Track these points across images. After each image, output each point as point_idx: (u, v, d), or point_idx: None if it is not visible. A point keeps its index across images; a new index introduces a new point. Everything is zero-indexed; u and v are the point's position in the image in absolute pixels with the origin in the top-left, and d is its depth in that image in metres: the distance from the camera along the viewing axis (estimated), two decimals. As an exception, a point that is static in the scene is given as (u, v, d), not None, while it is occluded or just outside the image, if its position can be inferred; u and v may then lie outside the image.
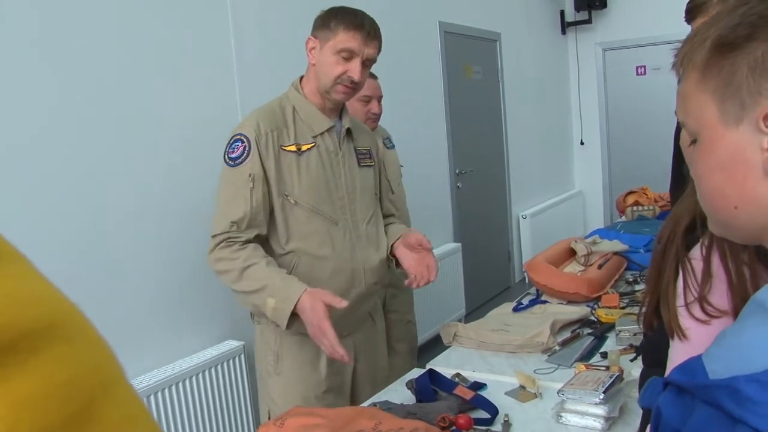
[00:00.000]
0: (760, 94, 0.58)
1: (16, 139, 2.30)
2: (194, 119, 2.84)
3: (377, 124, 3.10)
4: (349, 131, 2.05)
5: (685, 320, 1.14)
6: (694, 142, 0.66)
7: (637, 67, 6.93)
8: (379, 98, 3.07)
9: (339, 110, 2.04)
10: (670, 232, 1.19)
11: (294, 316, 1.79)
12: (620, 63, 7.03)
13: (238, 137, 1.90)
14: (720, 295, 1.10)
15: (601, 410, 1.57)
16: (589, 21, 6.98)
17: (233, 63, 3.07)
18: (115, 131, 2.60)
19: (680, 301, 1.15)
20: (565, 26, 7.11)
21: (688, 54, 0.65)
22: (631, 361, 1.86)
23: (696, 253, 1.13)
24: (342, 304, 1.78)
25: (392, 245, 2.11)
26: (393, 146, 3.26)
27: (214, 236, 1.88)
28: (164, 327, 2.76)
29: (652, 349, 1.40)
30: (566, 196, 7.01)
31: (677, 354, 1.19)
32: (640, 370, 1.59)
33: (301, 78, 2.03)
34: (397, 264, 2.13)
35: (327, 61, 1.91)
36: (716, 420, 0.51)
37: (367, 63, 1.94)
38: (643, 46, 6.74)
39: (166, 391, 2.59)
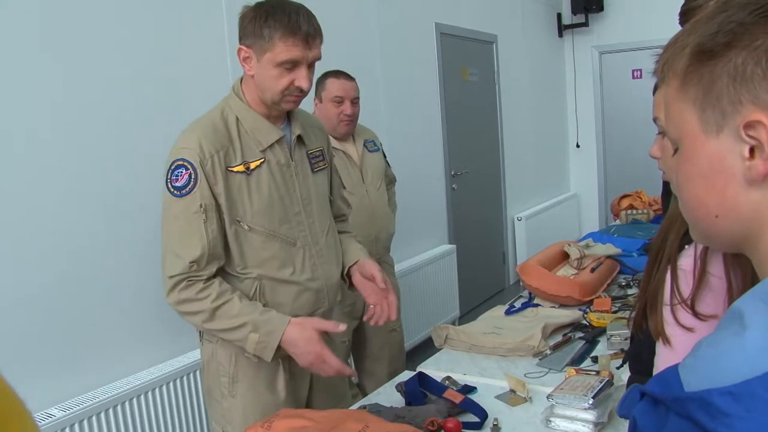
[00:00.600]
0: (740, 103, 0.57)
1: None
2: (180, 121, 2.83)
3: (352, 126, 3.01)
4: (299, 138, 1.87)
5: (669, 327, 1.14)
6: (676, 150, 0.65)
7: (633, 71, 6.93)
8: (353, 99, 2.96)
9: (285, 115, 1.85)
10: (664, 236, 1.19)
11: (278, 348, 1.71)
12: (616, 66, 7.04)
13: (180, 162, 1.68)
14: (709, 301, 1.10)
15: (590, 415, 1.57)
16: (585, 24, 6.99)
17: (227, 63, 3.06)
18: (102, 134, 2.59)
19: (667, 306, 1.15)
20: (561, 29, 7.12)
21: (669, 61, 0.64)
22: (618, 368, 1.86)
23: (684, 260, 1.13)
24: (341, 328, 1.73)
25: (349, 267, 1.99)
26: (377, 149, 3.16)
27: (171, 277, 1.69)
28: (140, 334, 2.73)
29: (639, 356, 1.40)
30: (561, 198, 7.01)
31: (662, 362, 1.19)
32: (628, 375, 1.59)
33: (240, 79, 1.82)
34: (350, 285, 2.02)
35: (268, 74, 1.70)
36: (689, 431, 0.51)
37: (312, 64, 1.74)
38: (640, 50, 6.73)
39: (141, 397, 2.57)
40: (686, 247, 1.15)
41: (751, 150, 0.57)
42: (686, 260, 1.13)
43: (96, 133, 2.56)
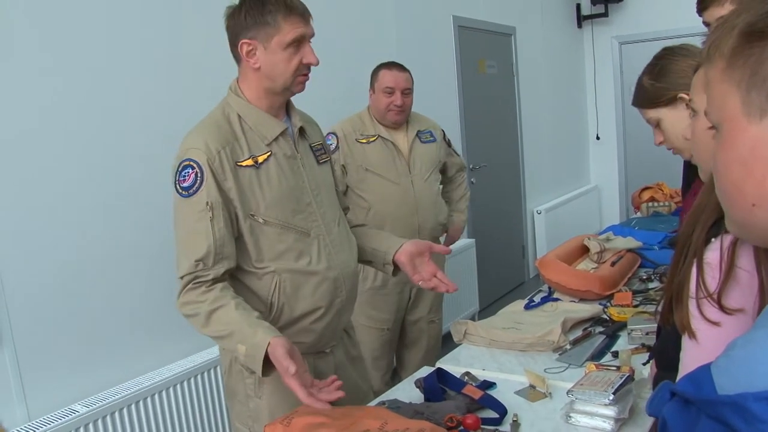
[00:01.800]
0: None
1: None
2: (185, 121, 2.83)
3: (402, 116, 3.10)
4: (302, 129, 1.88)
5: (695, 321, 1.13)
6: (714, 129, 0.63)
7: (654, 61, 6.85)
8: (404, 90, 3.06)
9: (285, 108, 1.86)
10: (690, 228, 1.17)
11: (269, 362, 1.61)
12: (637, 57, 6.92)
13: (187, 163, 1.68)
14: (736, 295, 1.08)
15: (610, 411, 1.55)
16: (605, 14, 6.92)
17: (230, 62, 3.06)
18: (102, 133, 2.60)
19: (692, 300, 1.13)
20: (581, 20, 7.05)
21: (716, 42, 0.62)
22: (644, 364, 1.84)
23: (710, 253, 1.11)
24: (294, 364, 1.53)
25: (394, 254, 1.94)
26: (433, 140, 3.25)
27: (181, 278, 1.69)
28: (163, 331, 2.75)
29: (665, 351, 1.38)
30: (582, 191, 6.96)
31: (688, 357, 1.17)
32: (651, 371, 1.57)
33: (237, 78, 1.83)
34: (395, 271, 1.98)
35: (279, 58, 1.71)
36: None
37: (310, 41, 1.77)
38: (661, 40, 6.60)
39: (156, 397, 2.57)
40: (713, 240, 1.13)
41: None
42: (712, 254, 1.11)
43: (108, 132, 2.58)
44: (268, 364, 1.59)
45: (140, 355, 2.65)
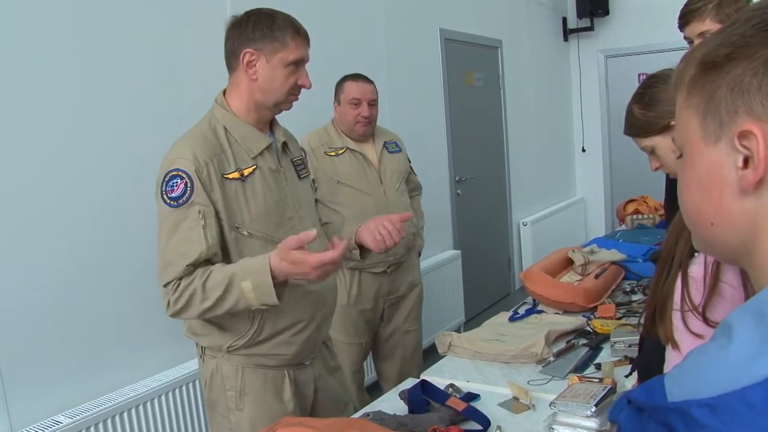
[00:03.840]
0: (736, 113, 0.59)
1: None
2: (179, 126, 2.84)
3: (369, 128, 3.08)
4: (284, 144, 1.92)
5: (678, 333, 1.14)
6: (680, 157, 0.68)
7: (639, 75, 6.90)
8: (370, 101, 3.04)
9: (269, 124, 1.89)
10: (674, 241, 1.19)
11: (277, 286, 1.65)
12: (622, 70, 7.03)
13: (175, 173, 1.68)
14: (720, 309, 1.09)
15: (593, 423, 1.56)
16: (591, 28, 6.99)
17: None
18: (109, 137, 2.61)
19: (676, 312, 1.15)
20: (567, 33, 7.12)
21: (680, 72, 0.67)
22: (626, 376, 1.85)
23: (694, 267, 1.13)
24: (312, 234, 1.61)
25: (355, 234, 2.00)
26: (399, 150, 3.23)
27: (166, 285, 1.68)
28: (145, 341, 2.74)
29: (649, 364, 1.40)
30: (568, 203, 7.00)
31: (671, 367, 1.19)
32: (632, 383, 1.59)
33: (223, 91, 1.86)
34: (362, 254, 2.04)
35: (278, 74, 1.76)
36: None
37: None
38: (646, 54, 6.73)
39: (141, 408, 2.56)
40: (696, 254, 1.15)
41: (746, 160, 0.59)
42: (697, 268, 1.13)
43: (107, 136, 2.58)
44: (279, 289, 1.65)
45: (123, 366, 2.64)
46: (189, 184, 1.67)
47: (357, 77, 3.09)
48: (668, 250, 1.20)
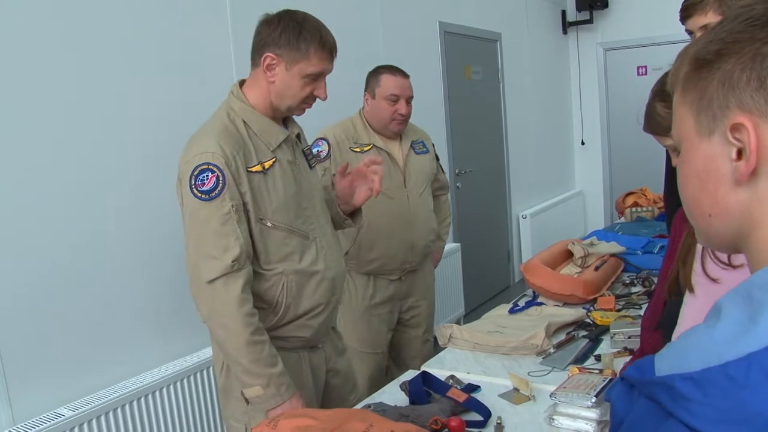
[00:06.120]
0: (728, 107, 0.61)
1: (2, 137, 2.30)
2: (186, 120, 2.84)
3: (404, 126, 2.87)
4: (298, 135, 1.95)
5: (696, 276, 1.20)
6: (677, 152, 0.70)
7: (638, 68, 6.93)
8: (408, 98, 2.82)
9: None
10: None
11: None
12: (621, 63, 7.03)
13: (206, 166, 1.69)
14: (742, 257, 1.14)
15: (593, 413, 1.57)
16: (590, 21, 6.98)
17: (231, 64, 3.08)
18: (107, 131, 2.60)
19: (697, 257, 1.24)
20: (566, 26, 7.11)
21: (675, 70, 0.69)
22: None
23: None
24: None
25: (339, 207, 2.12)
26: (426, 151, 3.00)
27: (210, 281, 1.70)
28: (149, 332, 2.75)
29: (671, 320, 1.41)
30: (567, 196, 7.01)
31: (686, 312, 1.26)
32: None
33: (240, 83, 1.87)
34: (353, 215, 2.17)
35: (293, 83, 1.79)
36: (653, 412, 0.56)
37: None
38: (645, 47, 6.73)
39: (143, 400, 2.57)
40: None
41: (739, 152, 0.61)
42: None
43: (106, 133, 2.58)
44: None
45: (126, 358, 2.64)
46: (221, 178, 1.69)
47: (394, 71, 2.84)
48: None
